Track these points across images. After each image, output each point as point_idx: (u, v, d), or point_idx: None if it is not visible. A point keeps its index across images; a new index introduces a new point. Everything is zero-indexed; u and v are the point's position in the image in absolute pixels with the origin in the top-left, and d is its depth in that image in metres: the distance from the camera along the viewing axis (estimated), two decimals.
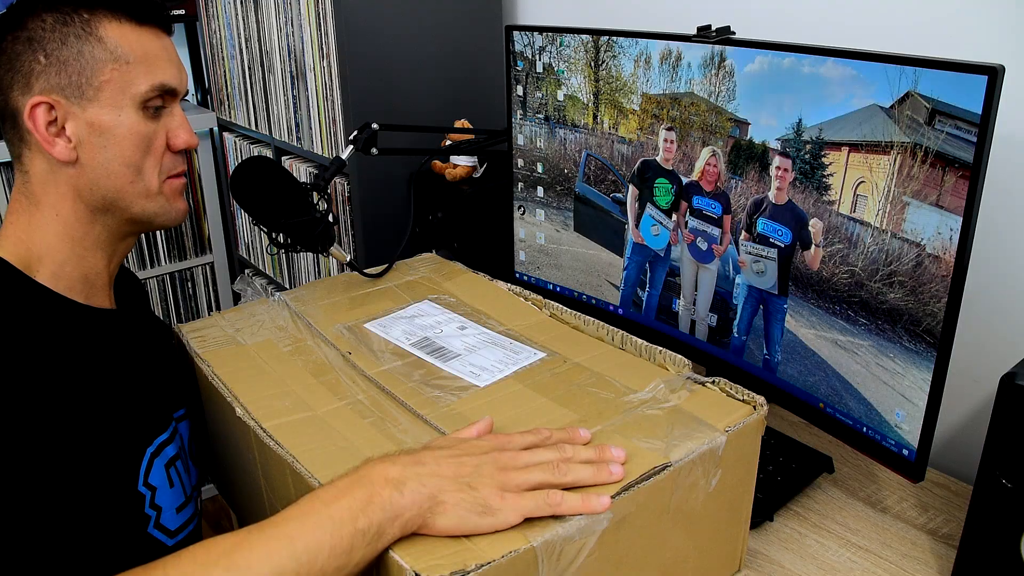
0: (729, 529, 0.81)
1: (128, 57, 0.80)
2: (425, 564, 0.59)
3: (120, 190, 0.82)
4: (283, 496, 0.76)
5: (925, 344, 0.80)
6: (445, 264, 1.16)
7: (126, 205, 0.83)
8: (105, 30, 0.80)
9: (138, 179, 0.83)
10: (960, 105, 0.73)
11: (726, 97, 0.95)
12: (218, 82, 2.01)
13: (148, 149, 0.83)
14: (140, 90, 0.81)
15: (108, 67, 0.80)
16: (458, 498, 0.62)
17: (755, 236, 0.96)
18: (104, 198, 0.82)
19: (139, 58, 0.81)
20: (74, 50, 0.79)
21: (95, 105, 0.80)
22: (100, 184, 0.82)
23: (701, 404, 0.78)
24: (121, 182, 0.82)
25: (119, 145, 0.81)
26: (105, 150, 0.81)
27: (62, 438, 0.72)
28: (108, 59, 0.80)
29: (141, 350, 0.90)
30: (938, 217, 0.77)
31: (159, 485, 0.82)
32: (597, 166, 1.14)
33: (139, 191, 0.83)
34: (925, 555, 0.89)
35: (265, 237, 1.21)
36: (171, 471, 0.85)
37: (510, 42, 1.20)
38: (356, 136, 1.16)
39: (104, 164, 0.81)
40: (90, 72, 0.79)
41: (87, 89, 0.79)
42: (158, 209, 0.86)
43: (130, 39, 0.81)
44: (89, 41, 0.79)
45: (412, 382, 0.84)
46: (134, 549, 0.79)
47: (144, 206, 0.84)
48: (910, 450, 0.83)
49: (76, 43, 0.79)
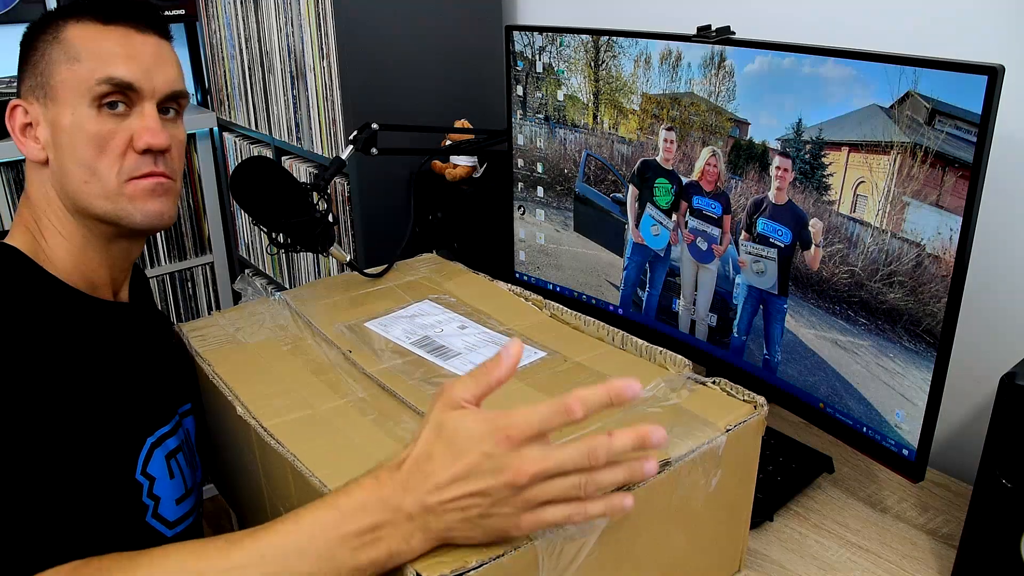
0: (729, 529, 0.81)
1: (80, 55, 0.80)
2: (426, 562, 0.59)
3: (77, 190, 0.82)
4: (283, 495, 0.76)
5: (925, 344, 0.80)
6: (445, 264, 1.16)
7: (86, 205, 0.82)
8: (66, 32, 0.81)
9: (93, 179, 0.81)
10: (960, 105, 0.73)
11: (726, 97, 0.95)
12: (218, 82, 2.01)
13: (103, 148, 0.81)
14: (88, 85, 0.80)
15: (63, 67, 0.80)
16: (468, 536, 0.60)
17: (755, 236, 0.96)
18: (71, 198, 0.82)
19: (91, 55, 0.80)
20: (40, 54, 0.82)
21: (56, 105, 0.81)
22: (64, 184, 0.82)
23: (701, 403, 0.78)
24: (76, 182, 0.81)
25: (72, 144, 0.81)
26: (62, 149, 0.81)
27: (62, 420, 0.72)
28: (63, 59, 0.81)
29: (148, 344, 0.91)
30: (938, 217, 0.77)
31: (158, 475, 0.83)
32: (597, 166, 1.14)
33: (95, 191, 0.81)
34: (925, 555, 0.89)
35: (265, 237, 1.21)
36: (172, 463, 0.86)
37: (510, 42, 1.20)
38: (356, 136, 1.16)
39: (63, 164, 0.82)
40: (49, 73, 0.81)
41: (48, 90, 0.81)
42: (118, 211, 0.82)
43: (87, 38, 0.81)
44: (53, 44, 0.81)
45: (413, 380, 0.84)
46: (133, 537, 0.80)
47: (104, 207, 0.82)
48: (910, 450, 0.83)
49: (43, 47, 0.82)
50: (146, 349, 0.90)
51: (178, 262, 2.15)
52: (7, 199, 1.84)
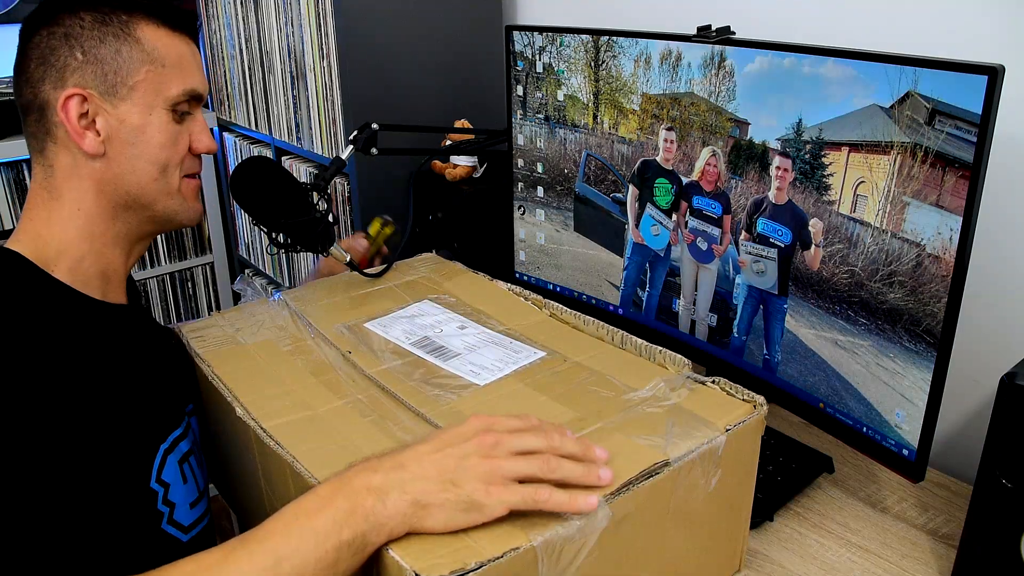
0: (729, 529, 0.81)
1: (163, 61, 0.84)
2: (425, 563, 0.59)
3: (144, 187, 0.85)
4: (283, 496, 0.76)
5: (925, 344, 0.80)
6: (445, 264, 1.16)
7: (148, 202, 0.86)
8: (143, 32, 0.83)
9: (161, 177, 0.85)
10: (960, 105, 0.73)
11: (726, 97, 0.95)
12: (218, 82, 2.01)
13: (173, 150, 0.86)
14: (172, 93, 0.84)
15: (144, 68, 0.82)
16: (443, 499, 0.61)
17: (755, 236, 0.96)
18: (128, 194, 0.84)
19: (173, 62, 0.84)
20: (112, 48, 0.81)
21: (127, 103, 0.82)
22: (125, 179, 0.84)
23: (701, 403, 0.78)
24: (146, 179, 0.84)
25: (147, 143, 0.83)
26: (133, 147, 0.83)
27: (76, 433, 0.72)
28: (144, 60, 0.82)
29: (153, 345, 0.91)
30: (938, 217, 0.77)
31: (172, 481, 0.83)
32: (597, 166, 1.14)
33: (161, 189, 0.86)
34: (925, 555, 0.89)
35: (265, 237, 1.21)
36: (184, 467, 0.86)
37: (510, 42, 1.20)
38: (356, 136, 1.16)
39: (131, 160, 0.83)
40: (126, 71, 0.82)
41: (121, 88, 0.82)
42: (178, 208, 0.88)
43: (165, 43, 0.84)
44: (127, 41, 0.82)
45: (412, 381, 0.84)
46: (149, 545, 0.80)
47: (166, 204, 0.87)
48: (910, 450, 0.83)
49: (114, 42, 0.81)
50: (150, 350, 0.90)
51: (178, 262, 2.15)
52: (7, 199, 1.84)
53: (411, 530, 0.61)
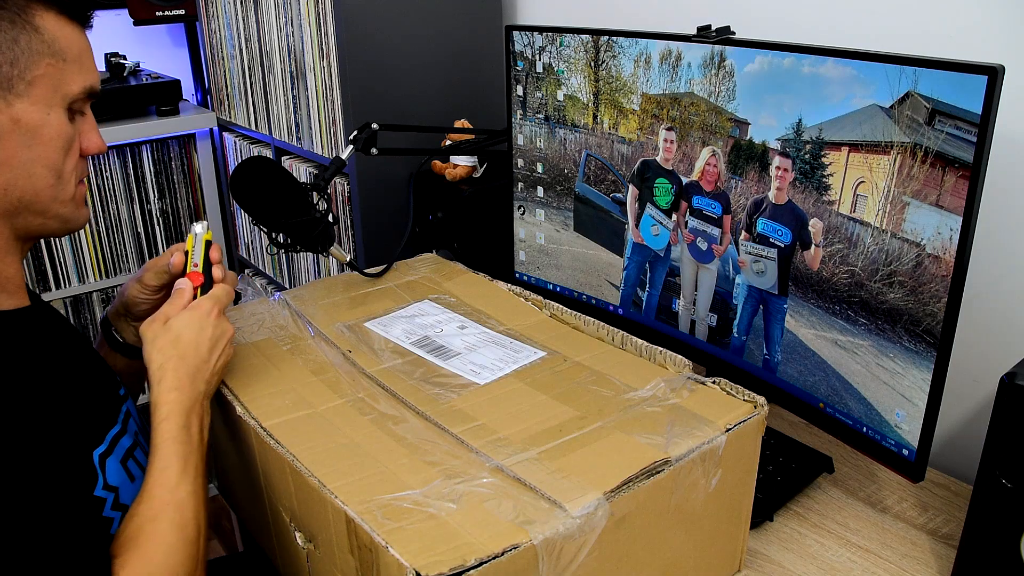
0: (729, 529, 0.81)
1: (65, 54, 0.75)
2: (424, 561, 0.59)
3: (39, 193, 0.76)
4: (283, 495, 0.76)
5: (925, 344, 0.80)
6: (445, 264, 1.16)
7: (42, 208, 0.77)
8: (42, 20, 0.74)
9: (58, 183, 0.77)
10: (960, 105, 0.73)
11: (726, 97, 0.95)
12: (218, 82, 2.01)
13: (68, 152, 0.77)
14: (72, 90, 0.76)
15: (44, 61, 0.73)
16: None
17: (755, 236, 0.96)
18: (20, 200, 0.75)
19: (75, 56, 0.76)
20: (8, 37, 0.72)
21: (24, 100, 0.73)
22: (18, 185, 0.74)
23: (701, 403, 0.78)
24: (41, 185, 0.75)
25: (44, 146, 0.75)
26: (29, 150, 0.74)
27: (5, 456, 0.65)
28: (45, 53, 0.73)
29: (66, 344, 0.83)
30: (938, 217, 0.77)
31: (120, 484, 0.77)
32: (597, 166, 1.14)
33: (57, 195, 0.77)
34: (925, 555, 0.89)
35: (265, 237, 1.21)
36: (130, 464, 0.80)
37: (510, 42, 1.20)
38: (356, 136, 1.16)
39: (25, 164, 0.74)
40: (24, 64, 0.72)
41: (18, 83, 0.72)
42: (70, 215, 0.80)
43: (67, 34, 0.76)
44: (26, 30, 0.72)
45: (412, 380, 0.84)
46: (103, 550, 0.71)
47: (59, 211, 0.78)
48: (910, 450, 0.83)
49: (11, 29, 0.72)
50: (64, 350, 0.82)
51: None
52: None
53: None
